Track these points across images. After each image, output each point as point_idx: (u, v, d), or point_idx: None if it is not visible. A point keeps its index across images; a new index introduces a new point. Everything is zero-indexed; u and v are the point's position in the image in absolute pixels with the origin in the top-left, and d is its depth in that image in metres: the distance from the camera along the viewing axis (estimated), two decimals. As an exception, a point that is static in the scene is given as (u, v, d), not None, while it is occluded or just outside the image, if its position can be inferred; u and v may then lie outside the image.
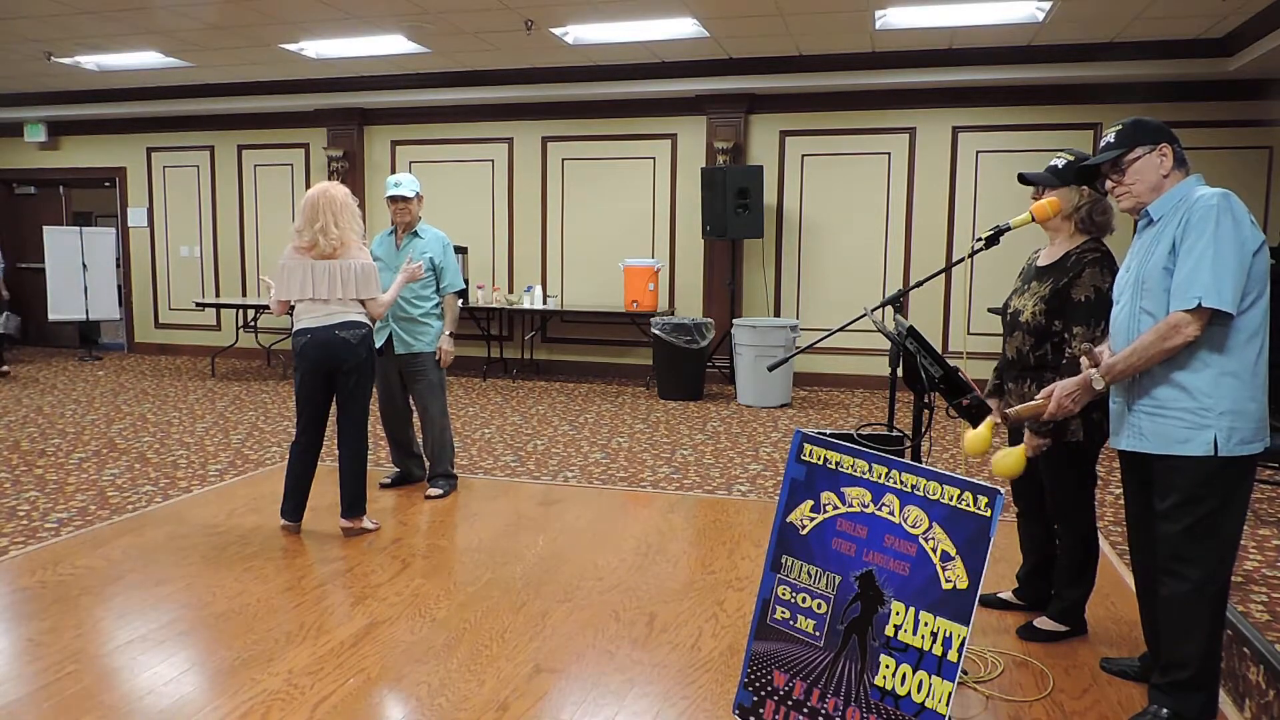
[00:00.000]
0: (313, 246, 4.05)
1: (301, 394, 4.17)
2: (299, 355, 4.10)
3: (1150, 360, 2.39)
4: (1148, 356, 2.38)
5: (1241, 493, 2.42)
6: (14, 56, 8.27)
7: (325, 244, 4.03)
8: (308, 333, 4.06)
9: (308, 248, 4.06)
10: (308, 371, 4.11)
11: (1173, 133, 2.49)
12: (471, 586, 3.59)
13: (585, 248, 9.32)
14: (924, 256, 8.43)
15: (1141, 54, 7.24)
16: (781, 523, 2.48)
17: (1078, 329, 2.87)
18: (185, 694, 2.71)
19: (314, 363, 4.08)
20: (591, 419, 7.11)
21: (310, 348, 4.06)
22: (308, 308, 4.09)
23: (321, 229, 4.02)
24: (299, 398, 4.18)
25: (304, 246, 4.07)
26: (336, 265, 4.06)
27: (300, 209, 4.12)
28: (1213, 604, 2.42)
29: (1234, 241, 2.28)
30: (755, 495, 5.01)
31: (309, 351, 4.06)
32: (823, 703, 2.34)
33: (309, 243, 4.05)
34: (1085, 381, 2.51)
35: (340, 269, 4.07)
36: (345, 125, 9.71)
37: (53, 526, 4.31)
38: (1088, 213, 2.94)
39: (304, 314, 4.10)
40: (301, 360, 4.10)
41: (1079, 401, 2.54)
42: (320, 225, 4.02)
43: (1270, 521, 4.52)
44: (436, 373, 4.86)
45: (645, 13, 6.73)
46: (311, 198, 4.09)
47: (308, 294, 4.08)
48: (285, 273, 4.10)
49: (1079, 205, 2.93)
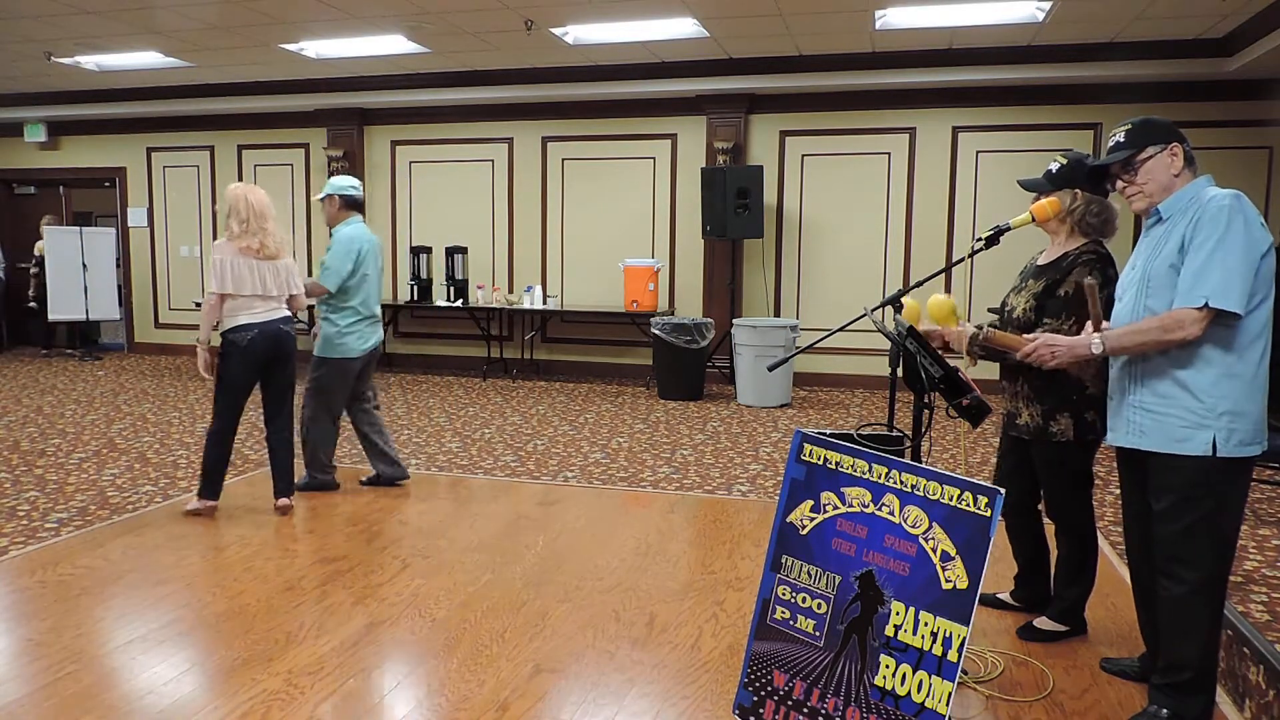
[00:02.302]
0: (261, 248, 4.32)
1: (240, 384, 4.40)
2: (245, 348, 4.31)
3: (1146, 346, 2.38)
4: (1146, 341, 2.37)
5: (1239, 494, 2.42)
6: (14, 56, 8.27)
7: (273, 245, 4.36)
8: (254, 327, 4.32)
9: (257, 249, 4.32)
10: (252, 363, 4.37)
11: (1181, 132, 2.48)
12: (471, 586, 3.59)
13: (585, 248, 9.32)
14: (924, 256, 8.43)
15: (1141, 54, 7.25)
16: (781, 523, 2.48)
17: (1048, 320, 2.88)
18: (185, 694, 2.71)
19: (262, 354, 4.37)
20: (591, 419, 7.11)
21: (260, 340, 4.34)
22: (248, 304, 4.32)
23: (270, 231, 4.36)
24: (236, 388, 4.39)
25: (253, 247, 4.31)
26: (281, 265, 4.42)
27: (237, 210, 4.32)
28: (1211, 605, 2.41)
29: (1244, 243, 2.28)
30: (755, 495, 5.01)
31: (259, 344, 4.34)
32: (823, 703, 2.34)
33: (259, 244, 4.32)
34: (1075, 343, 2.50)
35: (284, 269, 4.44)
36: (345, 125, 9.71)
37: (53, 526, 4.31)
38: (1081, 214, 2.95)
39: (242, 310, 4.31)
40: (248, 353, 4.33)
41: (1058, 357, 2.53)
42: (268, 228, 4.36)
43: (1270, 521, 4.52)
44: (322, 378, 4.85)
45: (645, 13, 6.73)
46: (254, 203, 4.35)
47: (258, 291, 4.33)
48: (233, 270, 4.28)
49: (1071, 208, 2.95)
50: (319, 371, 4.84)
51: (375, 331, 4.97)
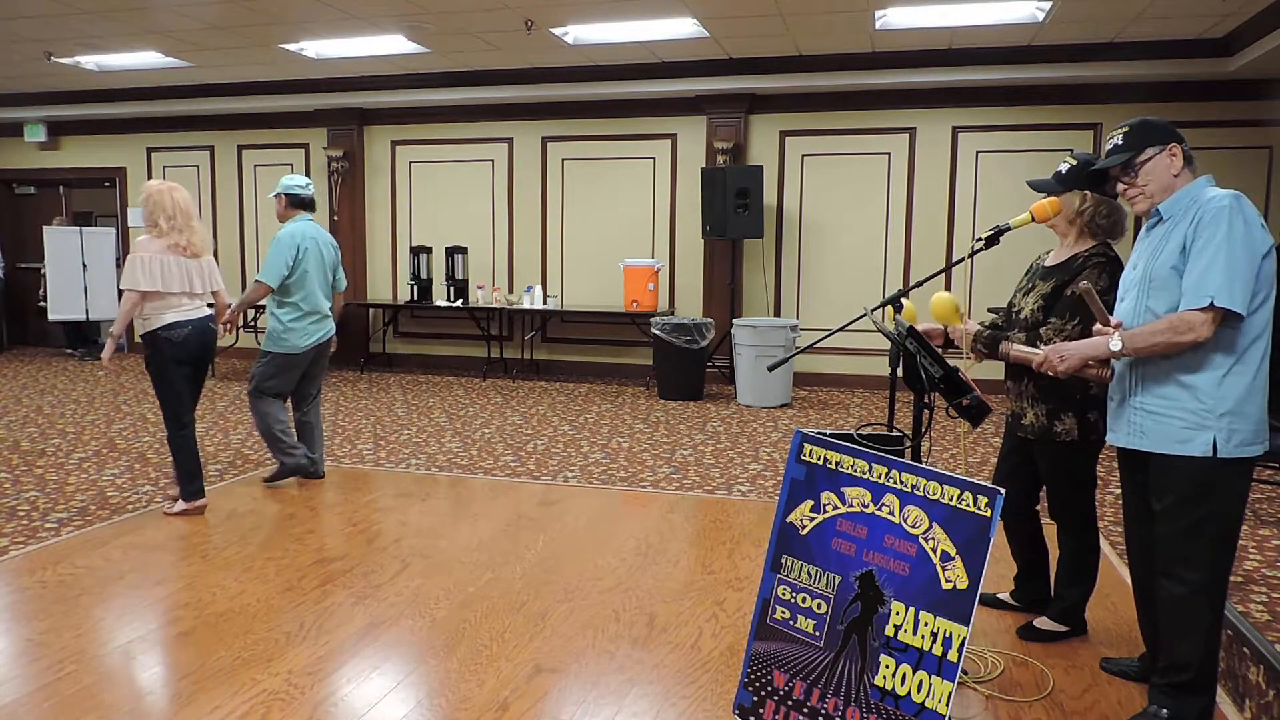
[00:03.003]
0: (189, 245, 4.38)
1: (179, 381, 4.43)
2: (181, 345, 4.35)
3: (1158, 348, 2.37)
4: (1159, 343, 2.36)
5: (1240, 494, 2.42)
6: (14, 56, 8.27)
7: (199, 243, 4.43)
8: (188, 324, 4.38)
9: (184, 247, 4.37)
10: (186, 359, 4.41)
11: (1179, 132, 2.48)
12: (471, 586, 3.59)
13: (585, 248, 9.32)
14: (924, 256, 8.43)
15: (1142, 54, 7.24)
16: (781, 523, 2.48)
17: (1053, 319, 2.88)
18: (185, 694, 2.71)
19: (195, 350, 4.43)
20: (591, 419, 7.11)
21: (194, 336, 4.40)
22: (176, 301, 4.36)
23: (195, 229, 4.43)
24: (178, 386, 4.41)
25: (181, 245, 4.36)
26: (205, 263, 4.49)
27: (163, 208, 4.36)
28: (1211, 605, 2.41)
29: (1245, 243, 2.28)
30: (755, 495, 5.01)
31: (193, 340, 4.40)
32: (823, 703, 2.34)
33: (186, 242, 4.37)
34: (1086, 345, 2.49)
35: (207, 267, 4.50)
36: (345, 125, 9.71)
37: (53, 526, 4.31)
38: (1090, 216, 2.94)
39: (169, 308, 4.34)
40: (183, 349, 4.37)
41: (1066, 362, 2.52)
42: (194, 226, 4.43)
43: (1270, 521, 4.52)
44: (261, 371, 4.97)
45: (645, 13, 6.73)
46: (179, 202, 4.40)
47: (186, 288, 4.37)
48: (162, 268, 4.31)
49: (1080, 209, 2.94)
50: (261, 365, 4.97)
51: (321, 327, 5.05)
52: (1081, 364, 2.53)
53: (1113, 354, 2.45)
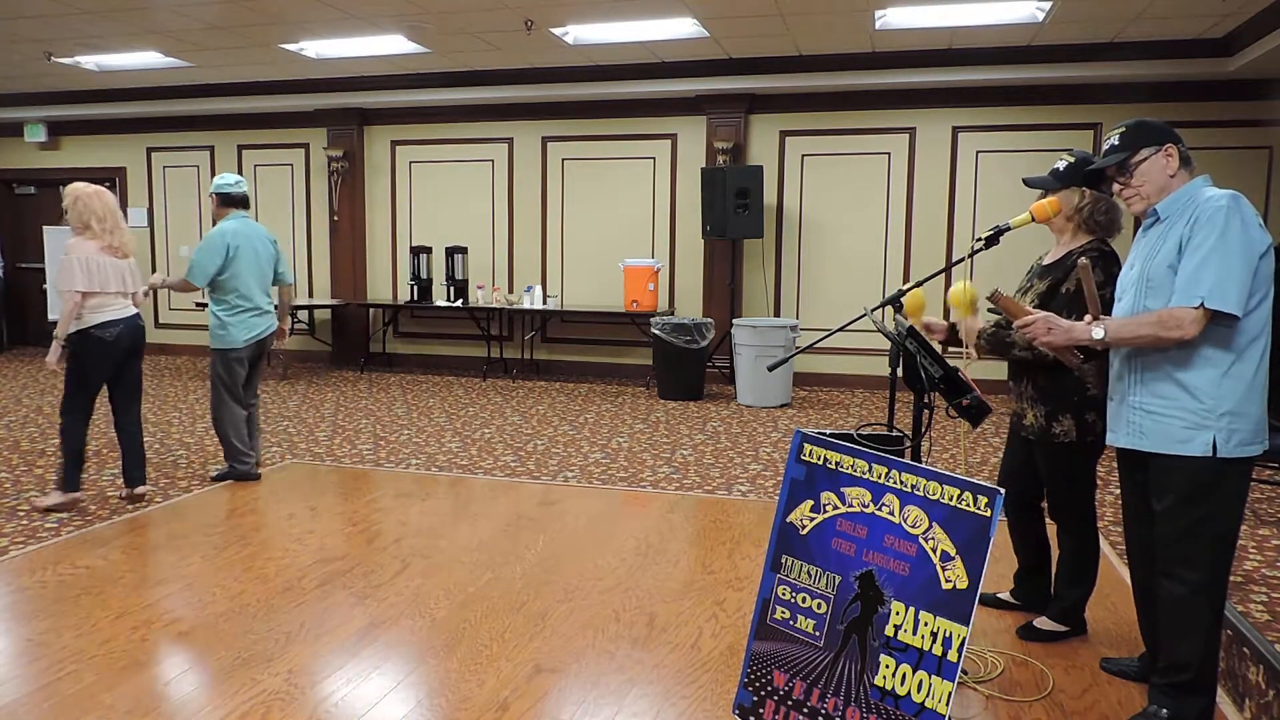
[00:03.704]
0: (120, 246, 4.52)
1: (98, 379, 4.54)
2: (113, 343, 4.46)
3: (1143, 340, 2.38)
4: (1144, 335, 2.37)
5: (1239, 494, 2.42)
6: (14, 56, 8.27)
7: (127, 245, 4.57)
8: (120, 323, 4.49)
9: (116, 248, 4.49)
10: (115, 357, 4.52)
11: (1176, 132, 2.48)
12: (471, 586, 3.59)
13: (585, 248, 9.32)
14: (924, 256, 8.43)
15: (1141, 54, 7.24)
16: (781, 523, 2.48)
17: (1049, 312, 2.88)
18: (185, 694, 2.72)
19: (125, 349, 4.54)
20: (591, 419, 7.11)
21: (125, 335, 4.52)
22: (108, 301, 4.45)
23: (123, 230, 4.56)
24: (94, 383, 4.53)
25: (113, 246, 4.49)
26: (131, 264, 4.61)
27: (93, 210, 4.45)
28: (1211, 605, 2.41)
29: (1241, 244, 2.28)
30: (755, 495, 5.01)
31: (124, 339, 4.52)
32: (823, 703, 2.34)
33: (118, 243, 4.50)
34: (1075, 327, 2.48)
35: (133, 267, 4.62)
36: (345, 125, 9.71)
37: (53, 526, 4.31)
38: (1089, 213, 2.94)
39: (105, 306, 4.44)
40: (114, 347, 4.48)
41: (1055, 336, 2.50)
42: (122, 227, 4.56)
43: (1270, 521, 4.52)
44: (214, 371, 5.12)
45: (645, 13, 6.73)
46: (108, 204, 4.52)
47: (120, 288, 4.50)
48: (96, 268, 4.41)
49: (1079, 206, 2.94)
50: (211, 362, 5.11)
51: (261, 322, 5.17)
52: (1068, 343, 2.51)
53: (1095, 342, 2.44)
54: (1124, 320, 2.43)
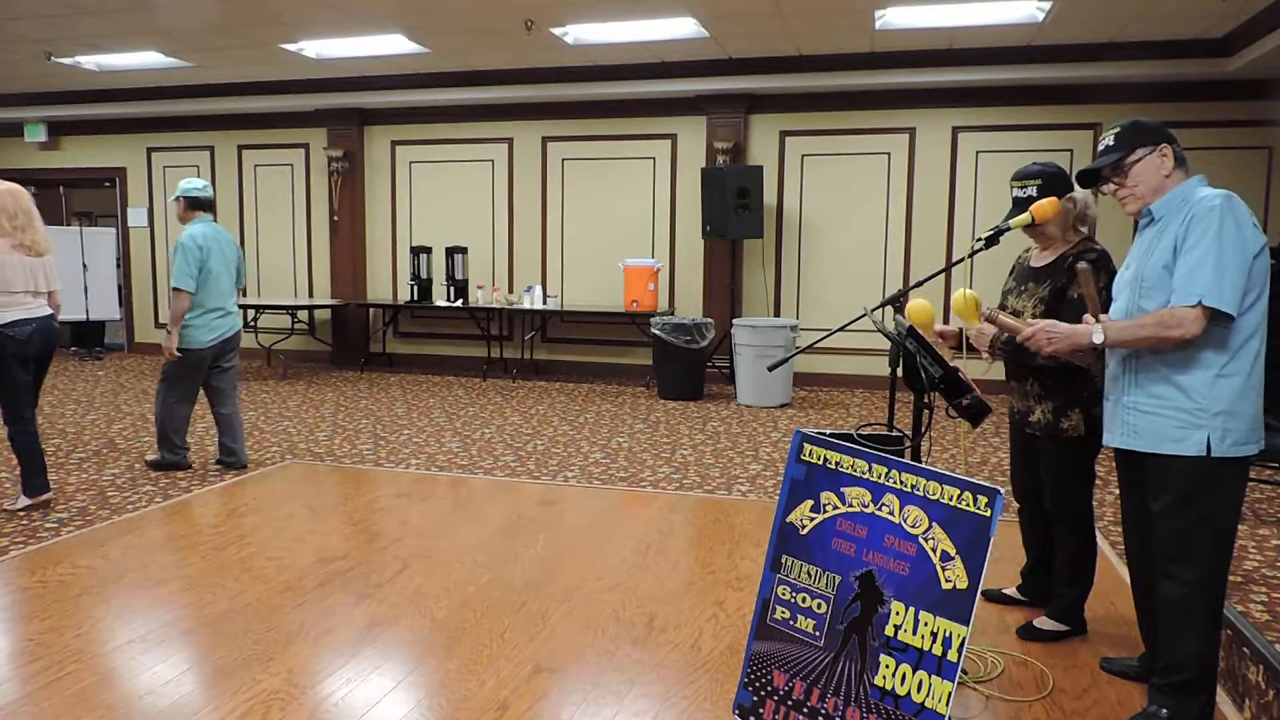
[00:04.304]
0: (34, 244, 4.46)
1: (23, 378, 4.45)
2: (25, 343, 4.39)
3: (1144, 341, 2.38)
4: (1144, 336, 2.37)
5: (1236, 494, 2.42)
6: (14, 56, 8.27)
7: (42, 243, 4.50)
8: (32, 322, 4.42)
9: (29, 246, 4.44)
10: (29, 357, 4.45)
11: (1171, 132, 2.49)
12: (471, 586, 3.59)
13: (585, 248, 9.32)
14: (924, 256, 8.43)
15: (1141, 54, 7.25)
16: (781, 522, 2.48)
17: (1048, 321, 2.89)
18: (185, 694, 2.71)
19: (39, 348, 4.48)
20: (591, 419, 7.11)
21: (38, 335, 4.45)
22: (20, 300, 4.39)
23: (38, 229, 4.51)
24: (21, 383, 4.44)
25: (25, 244, 4.43)
26: (47, 262, 4.55)
27: (5, 208, 4.43)
28: (1210, 605, 2.41)
29: (1236, 243, 2.28)
30: (755, 495, 5.01)
31: (37, 338, 4.45)
32: (822, 703, 2.34)
33: (31, 241, 4.45)
34: (1075, 331, 2.50)
35: (49, 266, 4.55)
36: (345, 125, 9.71)
37: (53, 526, 4.31)
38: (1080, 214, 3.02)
39: (16, 305, 4.38)
40: (27, 347, 4.41)
41: (1054, 343, 2.53)
42: (37, 225, 4.51)
43: (1270, 521, 4.52)
44: (169, 366, 5.20)
45: (645, 13, 6.73)
46: (21, 203, 4.50)
47: (30, 287, 4.43)
48: (7, 267, 4.36)
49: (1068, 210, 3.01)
50: (169, 362, 5.15)
51: (225, 324, 5.25)
52: (1070, 349, 2.53)
53: (1095, 345, 2.45)
54: (1124, 322, 2.44)
